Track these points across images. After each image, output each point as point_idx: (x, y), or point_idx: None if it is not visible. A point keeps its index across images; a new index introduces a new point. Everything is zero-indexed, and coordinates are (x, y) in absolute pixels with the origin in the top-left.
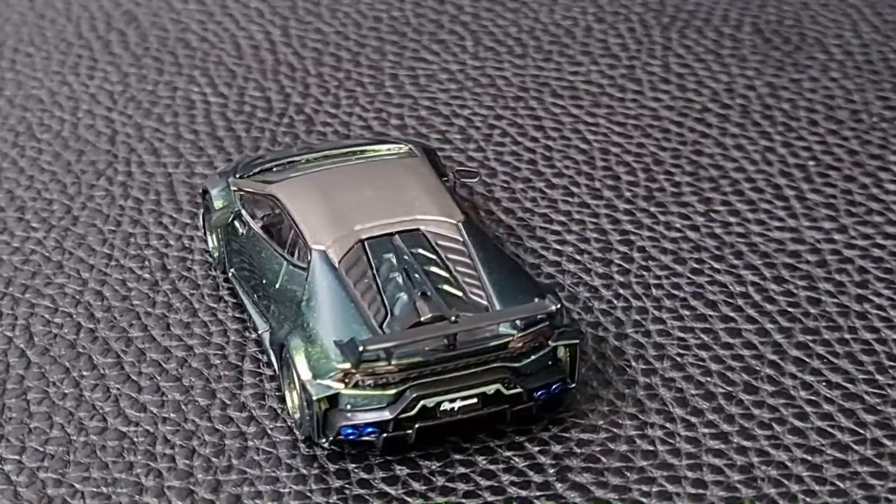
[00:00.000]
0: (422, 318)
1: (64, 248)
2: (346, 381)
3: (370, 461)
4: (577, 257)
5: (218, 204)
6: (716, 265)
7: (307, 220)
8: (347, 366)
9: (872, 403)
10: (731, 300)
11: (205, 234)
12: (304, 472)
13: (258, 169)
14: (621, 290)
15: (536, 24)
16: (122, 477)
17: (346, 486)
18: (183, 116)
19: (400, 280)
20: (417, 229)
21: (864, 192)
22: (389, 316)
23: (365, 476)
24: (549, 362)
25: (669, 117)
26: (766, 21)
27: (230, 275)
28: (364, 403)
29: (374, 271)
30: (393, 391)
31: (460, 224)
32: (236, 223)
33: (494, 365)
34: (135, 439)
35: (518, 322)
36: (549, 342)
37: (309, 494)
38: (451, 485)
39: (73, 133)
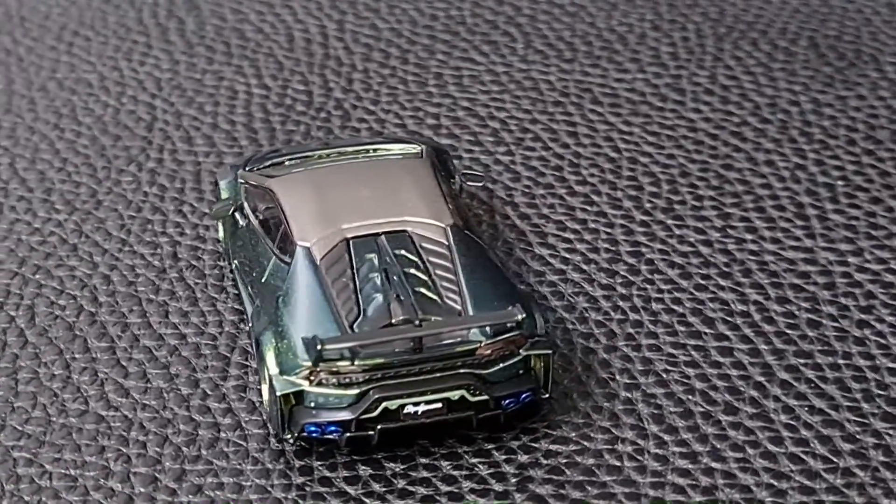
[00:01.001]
0: (393, 321)
1: (82, 231)
2: (312, 378)
3: (336, 459)
4: (584, 266)
5: (224, 195)
6: (721, 282)
7: (297, 215)
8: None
9: (852, 432)
10: (729, 318)
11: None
12: (270, 466)
13: (269, 162)
14: (620, 303)
15: (591, 28)
16: (92, 460)
17: (308, 482)
18: (223, 106)
19: (378, 281)
20: (404, 231)
21: (888, 216)
22: (362, 316)
23: (328, 474)
24: (520, 371)
25: (706, 129)
26: (823, 35)
27: (233, 266)
28: (328, 402)
29: (354, 270)
30: (356, 391)
31: (448, 228)
32: (237, 215)
33: (460, 371)
34: (112, 424)
35: (487, 329)
36: (521, 351)
37: (270, 489)
38: (410, 488)
39: (114, 118)
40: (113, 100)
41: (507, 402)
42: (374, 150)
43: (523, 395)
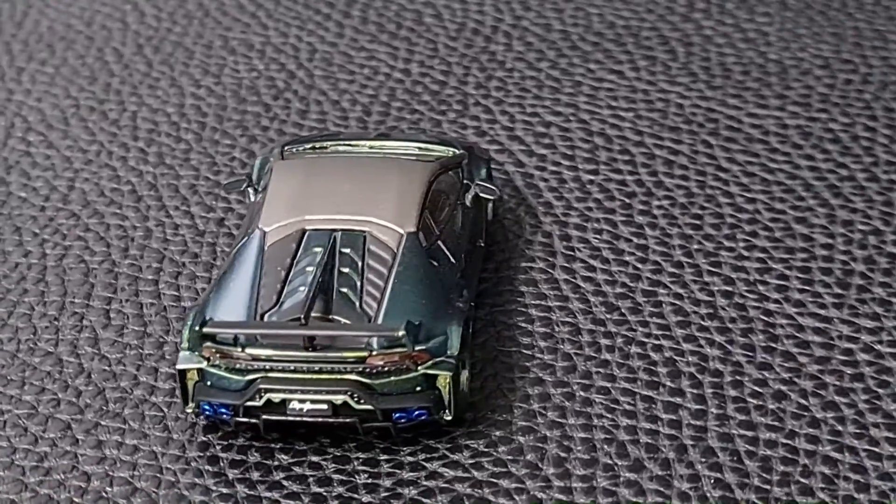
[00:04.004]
0: (301, 316)
1: (157, 185)
2: (210, 358)
3: (235, 441)
4: (590, 298)
5: (253, 172)
6: (714, 337)
7: (274, 199)
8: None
9: None
10: (697, 375)
11: None
12: (175, 436)
13: (311, 145)
14: (601, 339)
15: (759, 58)
16: (26, 399)
17: (198, 457)
18: (356, 84)
19: (310, 276)
20: (362, 231)
21: None
22: (277, 307)
23: (220, 454)
24: (417, 388)
25: (805, 178)
26: None
27: None
28: (222, 384)
29: (294, 261)
30: (247, 378)
31: (405, 235)
32: (249, 191)
33: (346, 377)
34: (64, 369)
35: (384, 340)
36: (419, 368)
37: (159, 457)
38: (285, 482)
39: (253, 81)
40: (262, 64)
41: (397, 415)
42: (418, 149)
43: (416, 412)
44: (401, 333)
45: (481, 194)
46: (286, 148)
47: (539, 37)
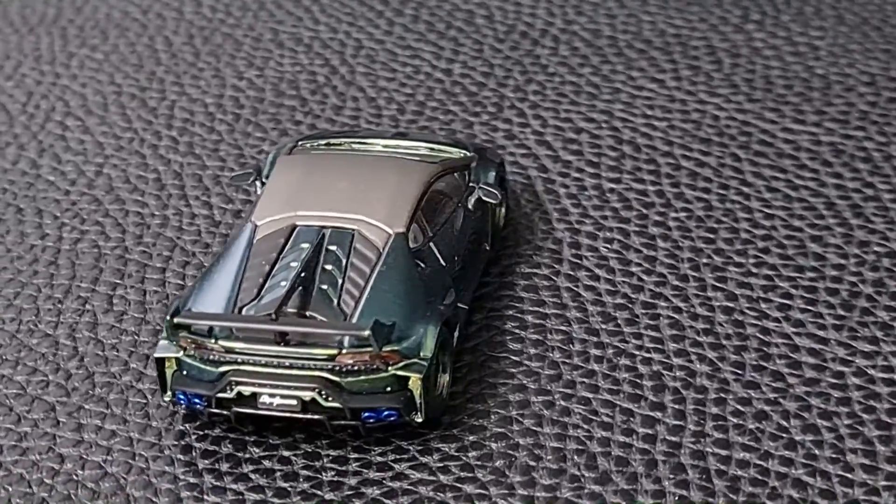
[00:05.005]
0: (276, 310)
1: (182, 174)
2: (186, 347)
3: (211, 432)
4: (588, 307)
5: (265, 166)
6: (705, 353)
7: (271, 193)
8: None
9: None
10: (682, 391)
11: None
12: (153, 424)
13: (325, 141)
14: (592, 350)
15: (805, 71)
16: (17, 379)
17: (171, 446)
18: (395, 81)
19: (293, 271)
20: (352, 229)
21: None
22: (256, 300)
23: (195, 444)
24: (387, 388)
25: (828, 196)
26: None
27: None
28: (197, 374)
29: (280, 256)
30: (220, 370)
31: (393, 235)
32: (257, 185)
33: (314, 373)
34: (58, 352)
35: (355, 339)
36: (389, 369)
37: (134, 443)
38: (252, 475)
39: (295, 75)
40: (306, 59)
41: (366, 415)
42: (429, 149)
43: (385, 413)
44: (366, 333)
45: (483, 198)
46: (300, 143)
47: (586, 42)
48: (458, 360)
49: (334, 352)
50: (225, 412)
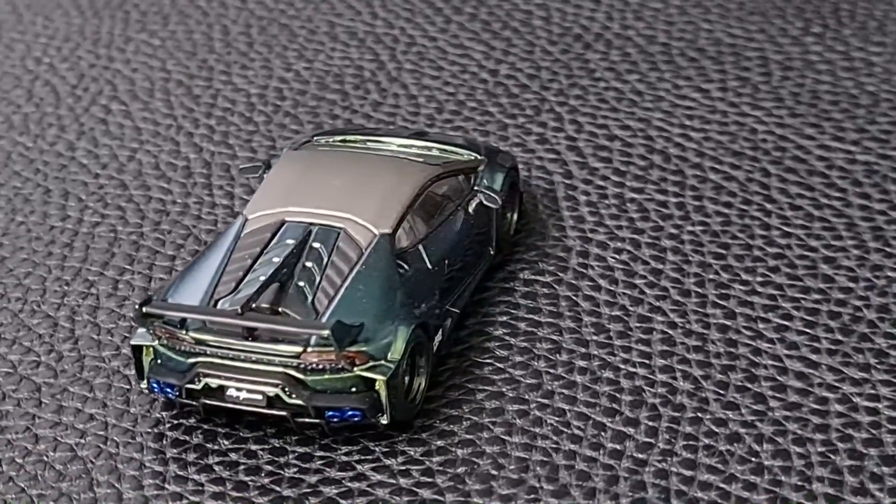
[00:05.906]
0: (252, 305)
1: (211, 163)
2: (161, 337)
3: (185, 421)
4: (584, 318)
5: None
6: (691, 371)
7: (268, 187)
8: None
9: None
10: (659, 408)
11: None
12: (132, 410)
13: (340, 137)
14: (577, 361)
15: (854, 87)
16: (11, 358)
17: (144, 433)
18: (440, 79)
19: (274, 267)
20: (339, 227)
21: None
22: (232, 294)
23: (167, 432)
24: (352, 388)
25: (851, 217)
26: None
27: None
28: (169, 364)
29: (263, 251)
30: (190, 361)
31: (379, 236)
32: (265, 177)
33: (278, 369)
34: (54, 333)
35: (321, 338)
36: (354, 370)
37: (108, 428)
38: (216, 467)
39: (341, 69)
40: (357, 53)
41: (329, 414)
42: (439, 151)
43: (349, 413)
44: (325, 332)
45: (484, 202)
46: (315, 138)
47: (639, 48)
48: (441, 364)
49: (300, 349)
50: (193, 403)
